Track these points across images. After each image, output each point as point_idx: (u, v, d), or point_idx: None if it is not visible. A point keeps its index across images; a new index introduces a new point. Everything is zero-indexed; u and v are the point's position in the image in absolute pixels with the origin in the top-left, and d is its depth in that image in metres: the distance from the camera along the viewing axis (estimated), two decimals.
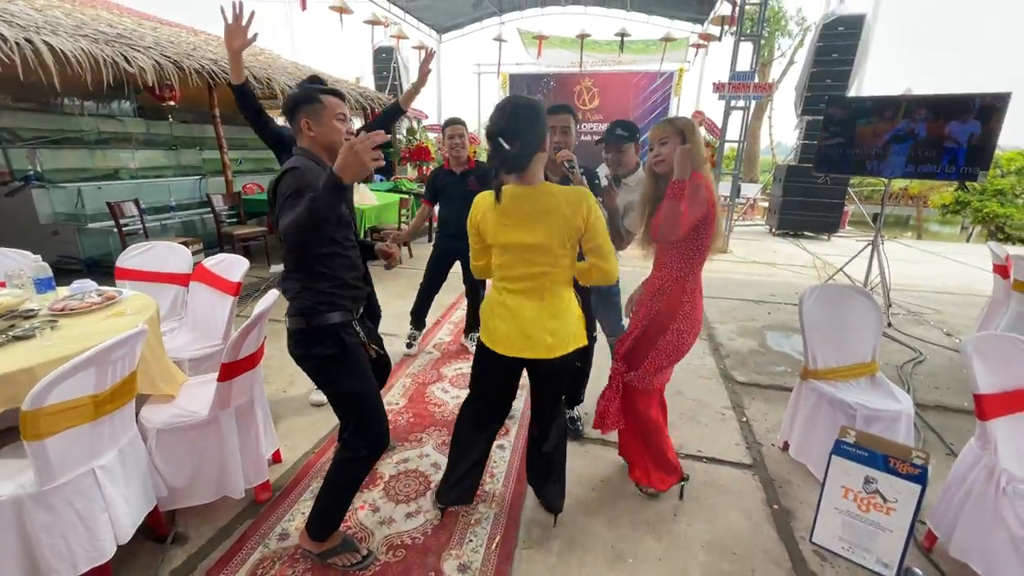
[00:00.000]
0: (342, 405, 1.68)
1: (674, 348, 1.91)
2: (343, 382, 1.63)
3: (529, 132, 1.48)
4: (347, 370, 1.63)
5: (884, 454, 1.69)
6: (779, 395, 3.06)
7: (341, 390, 1.64)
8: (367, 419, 1.66)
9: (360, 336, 1.70)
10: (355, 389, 1.64)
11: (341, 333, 1.62)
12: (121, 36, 4.43)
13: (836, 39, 8.33)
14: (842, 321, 2.30)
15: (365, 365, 1.69)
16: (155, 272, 2.75)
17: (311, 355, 1.61)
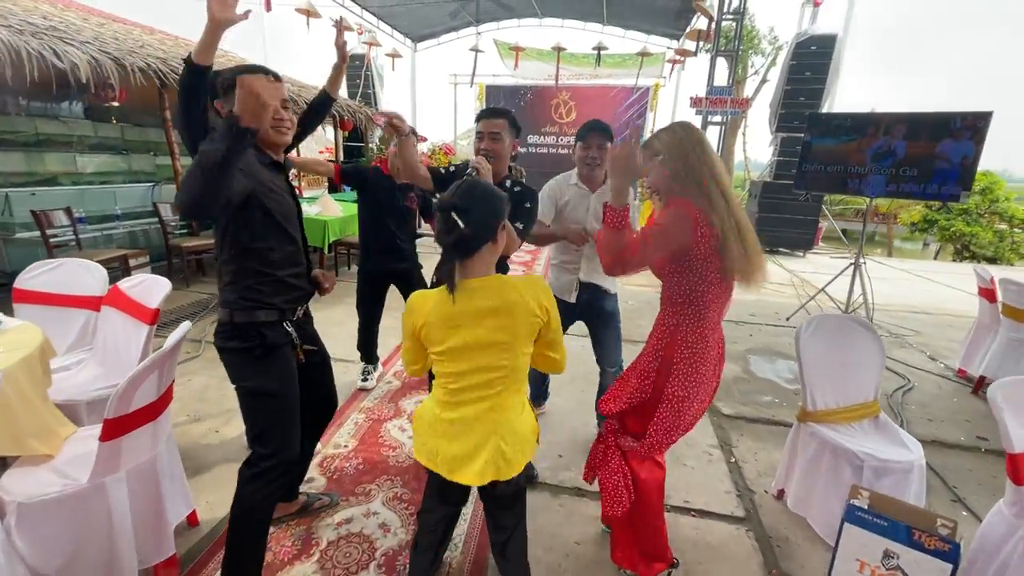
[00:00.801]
0: (249, 405, 1.53)
1: (671, 421, 1.55)
2: (255, 378, 1.50)
3: (487, 215, 1.27)
4: (263, 367, 1.50)
5: (906, 524, 1.44)
6: (768, 431, 2.83)
7: (250, 386, 1.50)
8: (272, 424, 1.51)
9: (291, 337, 1.58)
10: (264, 387, 1.50)
11: (264, 330, 1.50)
12: (54, 29, 4.02)
13: (809, 58, 8.40)
14: (842, 356, 2.08)
15: (286, 368, 1.56)
16: (61, 294, 2.36)
17: (228, 348, 1.50)
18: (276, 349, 1.53)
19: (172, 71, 4.69)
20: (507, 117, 2.00)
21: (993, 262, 9.72)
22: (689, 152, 1.48)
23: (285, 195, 1.56)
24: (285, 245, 1.55)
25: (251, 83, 1.18)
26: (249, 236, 1.46)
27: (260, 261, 1.49)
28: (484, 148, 1.97)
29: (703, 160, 1.46)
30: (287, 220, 1.55)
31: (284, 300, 1.56)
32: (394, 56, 10.34)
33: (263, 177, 1.47)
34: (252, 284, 1.49)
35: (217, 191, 1.20)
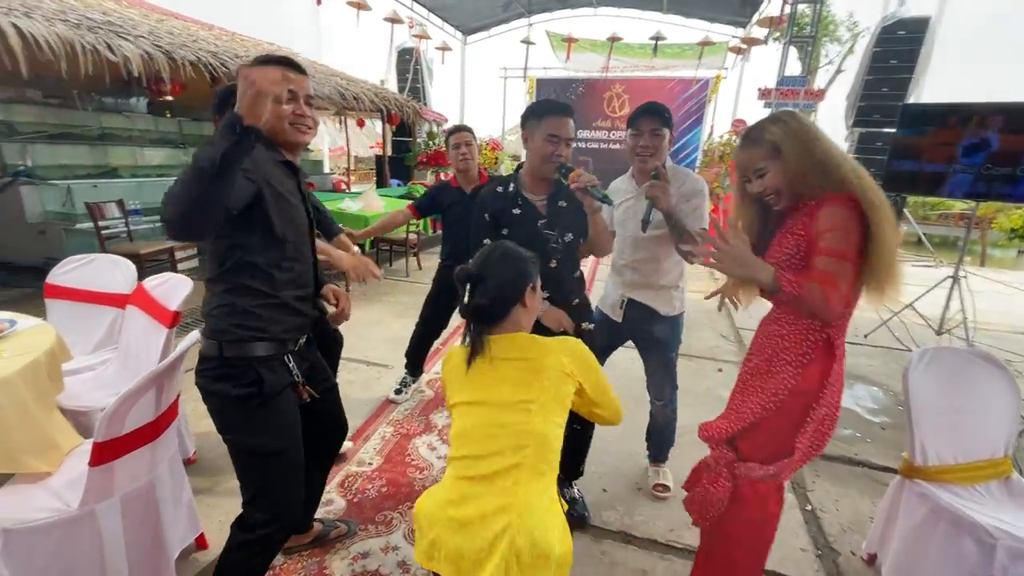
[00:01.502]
0: (243, 463, 1.32)
1: (816, 442, 1.34)
2: (250, 434, 1.27)
3: (507, 282, 1.22)
4: (259, 418, 1.27)
5: None
6: (850, 473, 2.42)
7: (244, 443, 1.29)
8: (271, 485, 1.31)
9: (293, 374, 1.35)
10: (264, 445, 1.28)
11: (261, 369, 1.26)
12: (111, 24, 4.09)
13: (896, 44, 7.57)
14: (964, 400, 1.68)
15: (288, 415, 1.34)
16: (91, 291, 2.30)
17: (215, 392, 1.26)
18: (276, 396, 1.29)
19: (222, 64, 4.71)
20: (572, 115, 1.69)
21: None
22: (813, 142, 1.23)
23: (297, 202, 1.35)
24: (293, 261, 1.33)
25: (250, 74, 1.03)
26: (250, 247, 1.24)
27: (261, 279, 1.27)
28: (558, 155, 1.63)
29: (829, 146, 1.24)
30: (297, 232, 1.33)
31: (285, 329, 1.32)
32: (444, 49, 10.25)
33: (273, 177, 1.26)
34: (249, 308, 1.25)
35: (212, 205, 1.02)
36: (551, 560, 1.01)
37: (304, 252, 1.38)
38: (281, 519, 1.31)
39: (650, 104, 1.85)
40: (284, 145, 1.33)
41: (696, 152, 10.99)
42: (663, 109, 1.84)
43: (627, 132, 1.90)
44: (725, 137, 7.81)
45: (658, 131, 1.82)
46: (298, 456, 1.35)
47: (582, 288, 1.85)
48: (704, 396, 3.14)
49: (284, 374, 1.32)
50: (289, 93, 1.28)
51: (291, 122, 1.30)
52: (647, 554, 1.85)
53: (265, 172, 1.23)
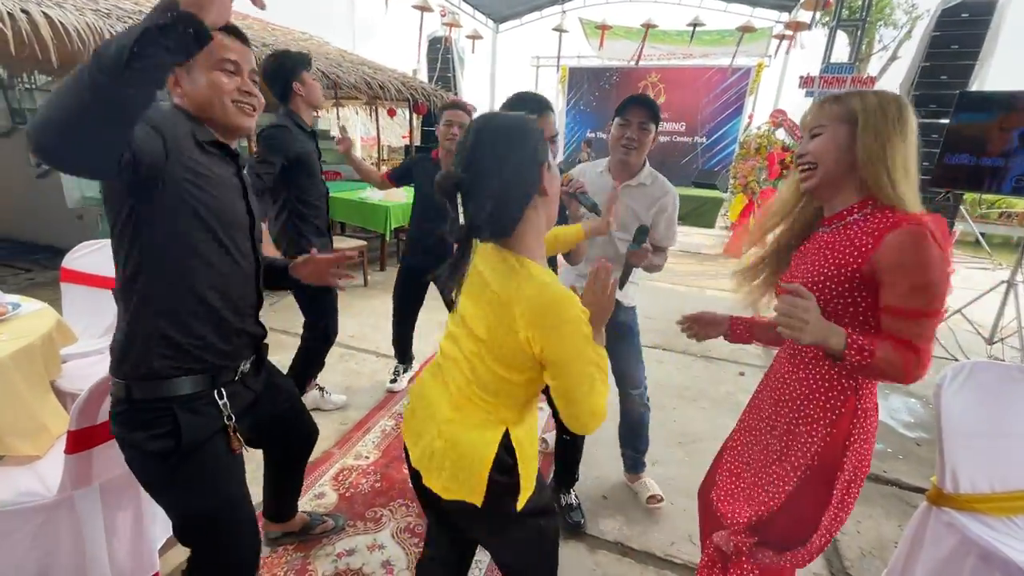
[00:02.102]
0: (175, 524, 1.13)
1: (842, 512, 1.10)
2: (173, 494, 1.08)
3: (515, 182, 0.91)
4: (181, 476, 1.05)
5: None
6: (877, 491, 2.24)
7: (169, 505, 1.10)
8: (211, 547, 1.13)
9: (224, 416, 1.09)
10: (192, 507, 1.08)
11: (181, 413, 1.02)
12: (140, 12, 4.18)
13: (958, 28, 7.03)
14: (1003, 423, 1.50)
15: (220, 464, 1.10)
16: (102, 276, 2.34)
17: (130, 442, 1.03)
18: (201, 446, 1.05)
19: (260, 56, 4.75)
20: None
21: None
22: (898, 136, 0.99)
23: (231, 192, 1.11)
24: (224, 266, 1.07)
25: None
26: (167, 246, 0.98)
27: (184, 290, 1.02)
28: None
29: (912, 155, 1.02)
30: (229, 227, 1.08)
31: (218, 355, 1.08)
32: (475, 38, 10.13)
33: (195, 159, 1.02)
34: (167, 331, 1.00)
35: (114, 122, 0.72)
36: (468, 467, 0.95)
37: (242, 249, 1.12)
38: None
39: (640, 96, 1.73)
40: (222, 128, 1.11)
41: (733, 144, 10.54)
42: (653, 103, 1.73)
43: (613, 120, 1.77)
44: (763, 129, 7.43)
45: (645, 125, 1.71)
46: (238, 509, 1.15)
47: None
48: (723, 401, 2.98)
49: (211, 416, 1.08)
50: (230, 63, 1.07)
51: (234, 99, 1.08)
52: (643, 568, 1.75)
53: (180, 142, 0.98)
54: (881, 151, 0.99)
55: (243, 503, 1.17)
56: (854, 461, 1.07)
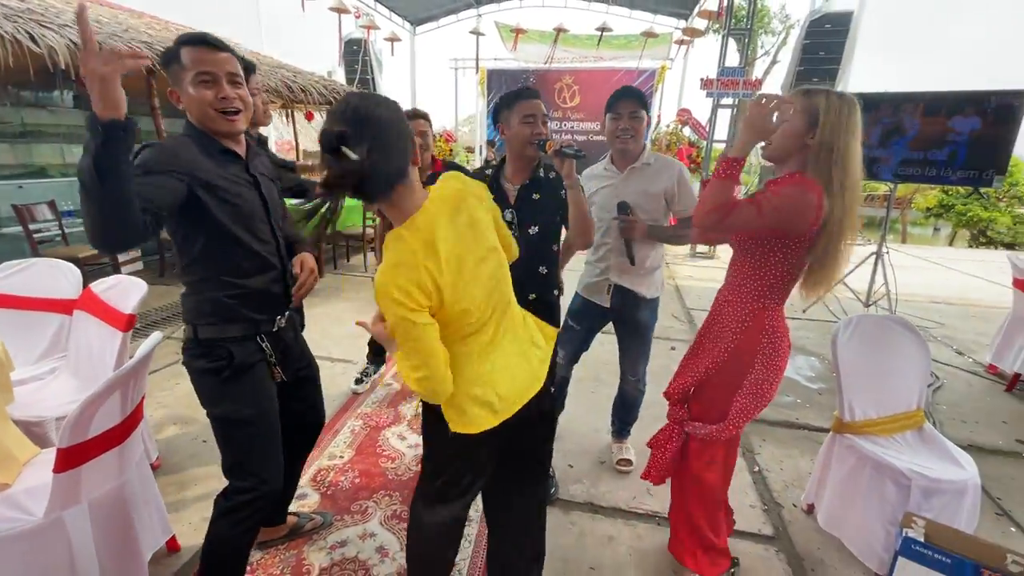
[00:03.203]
0: (222, 433, 1.37)
1: (752, 406, 1.47)
2: (225, 404, 1.33)
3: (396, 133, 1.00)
4: (231, 389, 1.32)
5: (974, 561, 1.26)
6: (792, 435, 2.65)
7: (218, 412, 1.34)
8: (247, 452, 1.36)
9: (267, 353, 1.38)
10: (238, 413, 1.33)
11: (232, 347, 1.31)
12: (31, 11, 3.81)
13: (823, 36, 8.06)
14: (882, 361, 1.89)
15: (261, 386, 1.38)
16: (32, 298, 2.19)
17: (193, 368, 1.33)
18: (248, 369, 1.34)
19: (157, 55, 4.46)
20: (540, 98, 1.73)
21: (1011, 247, 9.45)
22: (844, 134, 1.30)
23: (246, 188, 1.32)
24: (251, 247, 1.32)
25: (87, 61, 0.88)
26: (203, 241, 1.25)
27: (222, 269, 1.29)
28: (535, 135, 1.67)
29: (850, 148, 1.31)
30: (249, 218, 1.31)
31: (256, 311, 1.36)
32: (393, 40, 10.05)
33: (209, 169, 1.23)
34: (216, 296, 1.29)
35: (117, 213, 0.97)
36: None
37: (261, 235, 1.35)
38: (259, 487, 1.34)
39: (627, 88, 1.90)
40: (217, 134, 1.28)
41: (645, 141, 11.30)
42: (639, 92, 1.89)
43: (605, 117, 1.92)
44: (671, 126, 8.09)
45: (636, 113, 1.86)
46: (271, 425, 1.38)
47: (547, 283, 1.83)
48: (659, 372, 3.27)
49: (255, 351, 1.36)
50: (205, 75, 1.20)
51: (215, 107, 1.23)
52: (612, 521, 1.98)
53: (195, 167, 1.19)
54: (824, 143, 1.30)
55: (274, 420, 1.40)
56: (764, 363, 1.43)
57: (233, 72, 1.25)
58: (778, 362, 1.46)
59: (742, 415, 1.48)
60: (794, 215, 1.31)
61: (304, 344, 1.63)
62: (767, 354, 1.44)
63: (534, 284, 1.78)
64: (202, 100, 1.22)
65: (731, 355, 1.47)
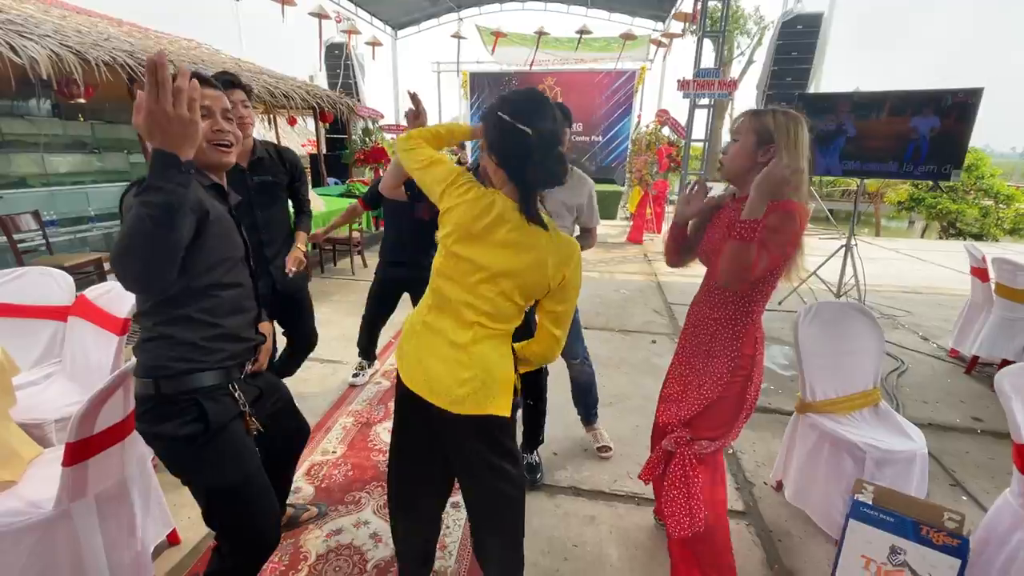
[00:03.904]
0: (205, 503, 1.25)
1: (745, 408, 1.51)
2: (205, 473, 1.21)
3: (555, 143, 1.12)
4: (209, 455, 1.19)
5: (914, 520, 1.39)
6: (765, 419, 2.79)
7: (201, 484, 1.23)
8: (234, 520, 1.26)
9: (240, 404, 1.25)
10: (222, 482, 1.21)
11: (204, 402, 1.17)
12: (10, 22, 3.81)
13: (795, 37, 8.31)
14: (841, 345, 2.03)
15: (240, 446, 1.25)
16: (25, 305, 2.23)
17: (158, 434, 1.16)
18: (224, 428, 1.20)
19: (139, 64, 4.49)
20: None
21: (979, 238, 9.80)
22: (804, 149, 1.35)
23: (227, 228, 1.24)
24: (233, 286, 1.25)
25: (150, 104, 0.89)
26: (188, 275, 1.12)
27: (199, 308, 1.17)
28: None
29: (809, 160, 1.38)
30: (229, 264, 1.23)
31: (229, 356, 1.24)
32: (374, 44, 10.11)
33: (207, 202, 1.16)
34: (188, 338, 1.16)
35: (174, 253, 0.95)
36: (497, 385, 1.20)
37: (242, 276, 1.30)
38: (256, 550, 1.31)
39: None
40: (206, 166, 1.25)
41: (627, 142, 11.50)
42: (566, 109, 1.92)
43: None
44: (651, 127, 8.26)
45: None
46: (258, 483, 1.29)
47: None
48: (640, 364, 3.45)
49: (230, 404, 1.24)
50: (204, 109, 1.20)
51: (208, 140, 1.22)
52: (594, 503, 2.09)
53: (201, 197, 1.14)
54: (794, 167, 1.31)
55: (261, 477, 1.30)
56: (758, 373, 1.50)
57: (226, 108, 1.28)
58: (762, 361, 1.52)
59: (744, 419, 1.53)
60: (796, 242, 1.36)
61: (271, 377, 1.56)
62: (758, 362, 1.50)
63: None
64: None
65: (733, 372, 1.47)
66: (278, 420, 1.54)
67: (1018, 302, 3.09)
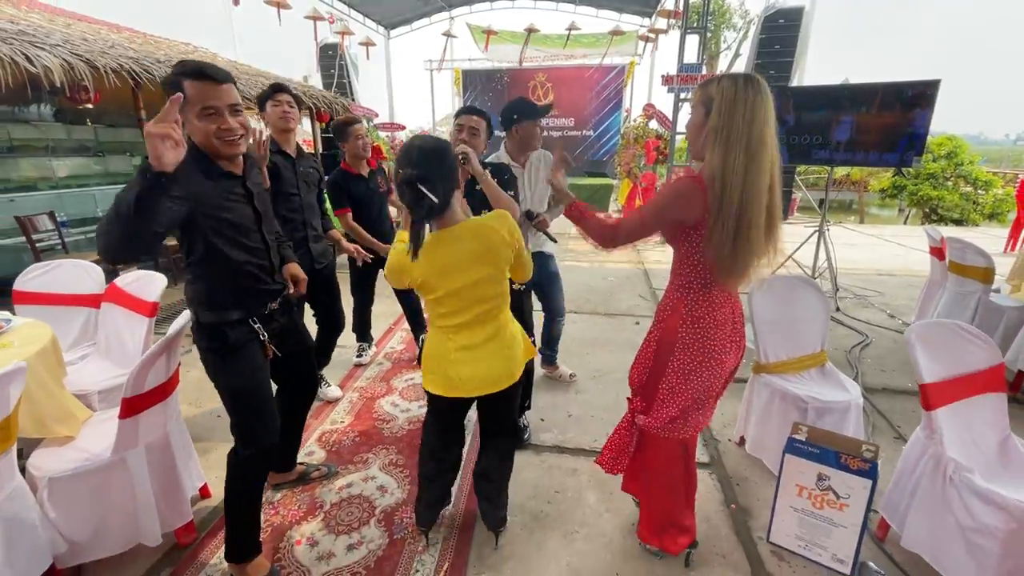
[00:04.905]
0: (225, 401, 1.61)
1: (680, 388, 1.48)
2: (224, 377, 1.58)
3: (445, 171, 1.43)
4: (227, 366, 1.57)
5: (835, 450, 1.66)
6: (735, 388, 3.03)
7: (220, 385, 1.59)
8: (240, 414, 1.61)
9: (259, 334, 1.62)
10: (233, 385, 1.58)
11: (227, 330, 1.55)
12: (23, 33, 4.02)
13: (778, 31, 8.55)
14: (791, 313, 2.29)
15: (253, 362, 1.60)
16: (60, 294, 2.48)
17: (199, 347, 1.57)
18: (240, 348, 1.56)
19: (145, 71, 4.71)
20: (481, 114, 2.16)
21: (960, 223, 10.09)
22: (738, 110, 1.26)
23: (240, 204, 1.53)
24: (243, 252, 1.54)
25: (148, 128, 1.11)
26: (202, 249, 1.47)
27: (218, 267, 1.50)
28: (461, 139, 2.08)
29: (749, 126, 1.26)
30: (241, 230, 1.53)
31: (248, 299, 1.59)
32: (368, 44, 10.29)
33: (208, 192, 1.43)
34: (213, 287, 1.52)
35: (135, 238, 1.18)
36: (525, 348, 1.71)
37: (252, 241, 1.57)
38: (258, 443, 1.60)
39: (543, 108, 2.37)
40: (218, 157, 1.48)
41: (617, 136, 11.74)
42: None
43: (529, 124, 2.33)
44: (638, 121, 8.50)
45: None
46: (263, 394, 1.61)
47: None
48: (624, 343, 3.71)
49: (248, 333, 1.58)
50: (209, 109, 1.39)
51: (217, 136, 1.42)
52: (575, 458, 2.35)
53: (196, 191, 1.38)
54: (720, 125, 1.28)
55: (267, 390, 1.64)
56: (684, 349, 1.46)
57: (234, 103, 1.43)
58: (703, 347, 1.44)
59: (670, 401, 1.49)
60: (672, 209, 1.38)
61: (298, 325, 1.88)
62: (687, 341, 1.45)
63: None
64: (207, 131, 1.41)
65: (657, 343, 1.53)
66: (294, 363, 1.86)
67: (967, 277, 3.36)
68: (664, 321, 1.53)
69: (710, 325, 1.45)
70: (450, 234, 1.47)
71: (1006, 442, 1.72)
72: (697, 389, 1.48)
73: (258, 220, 1.61)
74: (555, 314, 2.88)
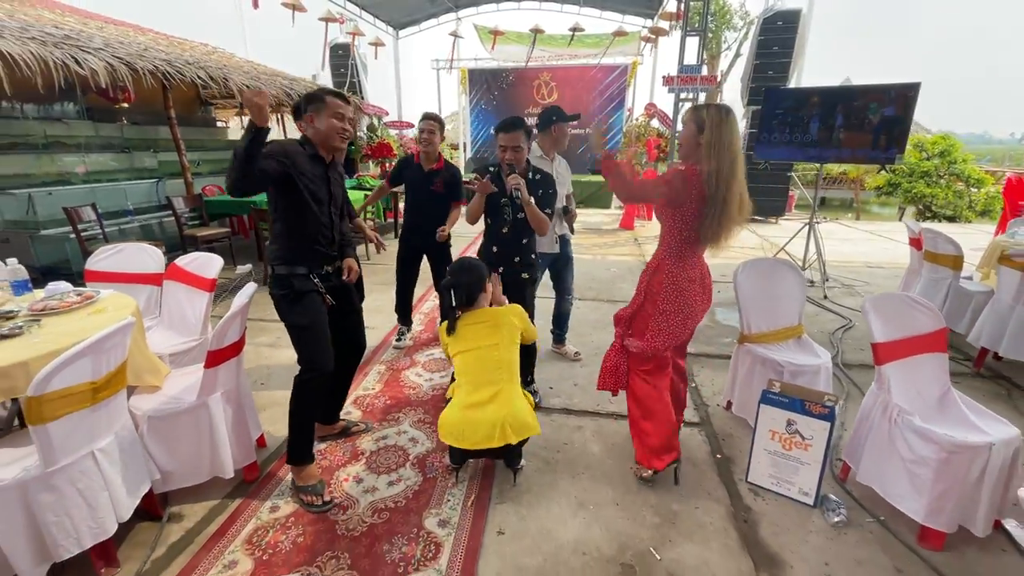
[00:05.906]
0: (292, 335, 2.01)
1: (662, 324, 2.01)
2: (288, 316, 1.99)
3: (475, 283, 2.17)
4: (292, 307, 1.98)
5: (801, 399, 1.97)
6: (725, 364, 3.35)
7: (287, 322, 2.00)
8: (304, 345, 2.00)
9: (317, 286, 2.03)
10: (297, 322, 1.98)
11: (293, 280, 1.97)
12: (69, 38, 4.35)
13: (776, 33, 8.82)
14: (772, 291, 2.60)
15: (313, 306, 2.01)
16: (126, 273, 2.80)
17: (272, 293, 1.99)
18: (304, 295, 1.99)
19: (178, 72, 5.04)
20: (523, 128, 2.40)
21: (953, 220, 10.36)
22: (724, 135, 1.82)
23: (320, 182, 2.00)
24: (314, 220, 1.98)
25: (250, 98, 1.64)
26: (285, 207, 1.94)
27: (293, 229, 1.95)
28: (508, 160, 2.40)
29: (730, 142, 1.83)
30: (317, 202, 1.97)
31: (311, 258, 2.01)
32: (377, 44, 10.60)
33: (301, 164, 1.92)
34: (287, 245, 1.97)
35: (249, 174, 1.69)
36: (528, 426, 2.01)
37: (322, 214, 2.01)
38: (316, 369, 1.99)
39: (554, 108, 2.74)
40: (325, 147, 1.99)
41: (620, 134, 12.03)
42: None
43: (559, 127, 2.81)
44: (640, 120, 8.79)
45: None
46: (322, 330, 2.02)
47: (527, 251, 2.58)
48: None
49: (309, 284, 2.01)
50: (339, 114, 1.96)
51: (338, 132, 1.98)
52: (580, 418, 2.67)
53: (295, 161, 1.90)
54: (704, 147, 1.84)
55: (324, 328, 2.04)
56: (665, 299, 2.00)
57: (349, 116, 2.01)
58: (680, 300, 1.98)
59: (657, 335, 2.02)
60: (672, 189, 1.87)
61: (353, 293, 2.28)
62: (667, 292, 1.98)
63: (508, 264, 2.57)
64: (334, 127, 1.96)
65: (646, 294, 2.07)
66: (347, 328, 2.23)
67: (940, 264, 3.66)
68: (652, 276, 2.06)
69: (685, 280, 1.99)
70: (475, 316, 2.15)
71: (946, 395, 2.03)
72: (673, 324, 2.01)
73: (330, 197, 2.05)
74: (565, 292, 3.27)
